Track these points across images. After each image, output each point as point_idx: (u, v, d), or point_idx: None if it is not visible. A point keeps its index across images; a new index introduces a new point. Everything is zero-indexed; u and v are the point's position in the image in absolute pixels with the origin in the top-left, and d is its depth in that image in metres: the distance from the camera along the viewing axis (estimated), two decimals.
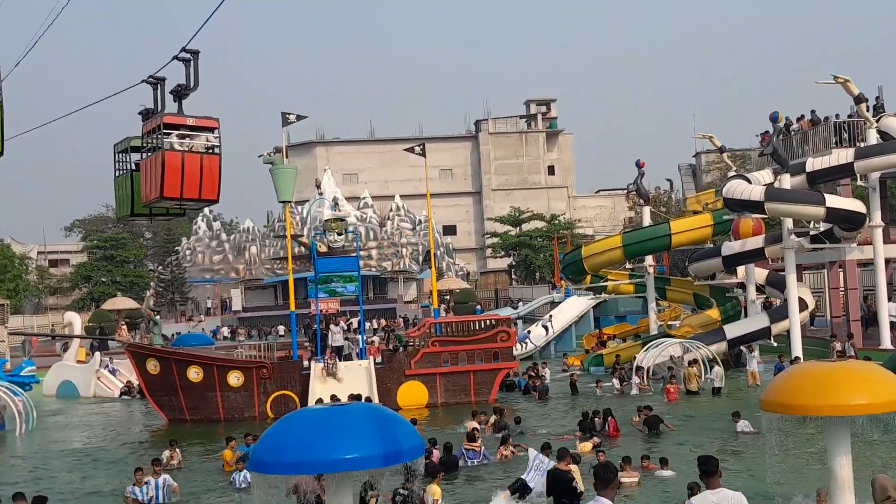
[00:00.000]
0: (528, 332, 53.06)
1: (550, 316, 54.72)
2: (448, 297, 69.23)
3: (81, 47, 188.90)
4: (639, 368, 35.00)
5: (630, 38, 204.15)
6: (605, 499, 9.01)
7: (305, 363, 34.23)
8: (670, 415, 27.51)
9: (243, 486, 19.55)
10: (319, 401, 30.15)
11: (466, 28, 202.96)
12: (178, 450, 24.08)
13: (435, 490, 16.49)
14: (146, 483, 18.58)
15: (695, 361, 33.74)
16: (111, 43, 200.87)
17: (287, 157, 39.01)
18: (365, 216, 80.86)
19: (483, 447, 22.01)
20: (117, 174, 19.21)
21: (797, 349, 33.99)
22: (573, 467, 16.20)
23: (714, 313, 41.64)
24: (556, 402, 33.64)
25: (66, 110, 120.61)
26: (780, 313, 37.96)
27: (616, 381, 34.66)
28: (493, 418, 26.09)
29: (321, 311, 37.68)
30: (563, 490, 15.17)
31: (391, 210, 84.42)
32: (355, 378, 32.85)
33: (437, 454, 20.53)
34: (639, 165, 45.34)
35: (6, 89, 16.43)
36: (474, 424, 24.36)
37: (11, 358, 47.19)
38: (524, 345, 49.73)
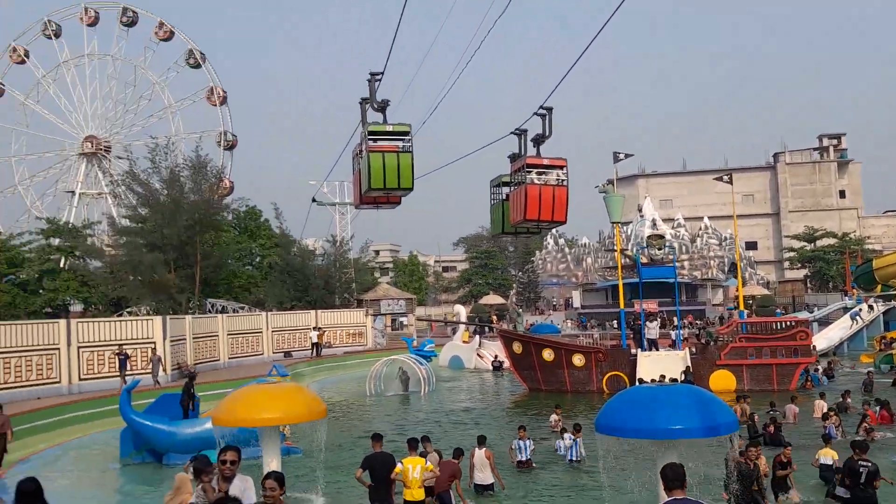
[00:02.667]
0: (860, 309, 49.15)
1: (860, 309, 50.09)
2: (751, 301, 65.37)
3: (464, 112, 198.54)
4: None
5: None
6: None
7: (632, 351, 33.57)
8: None
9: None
10: (640, 381, 29.57)
11: (763, 71, 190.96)
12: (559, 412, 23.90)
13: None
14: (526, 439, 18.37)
15: None
16: (486, 107, 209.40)
17: (616, 187, 38.46)
18: (678, 234, 77.98)
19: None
20: (492, 202, 19.85)
21: None
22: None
23: None
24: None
25: (454, 157, 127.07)
26: None
27: None
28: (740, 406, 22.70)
29: (645, 309, 36.92)
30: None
31: (700, 229, 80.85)
32: (673, 364, 31.74)
33: None
34: None
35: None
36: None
37: (417, 337, 50.06)
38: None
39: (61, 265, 53.79)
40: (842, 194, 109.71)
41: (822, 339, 47.03)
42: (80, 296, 53.17)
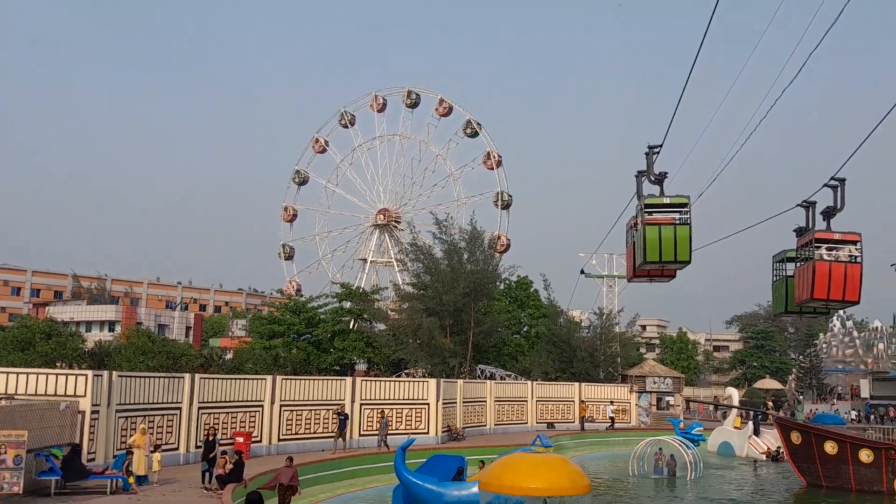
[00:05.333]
0: None
1: None
2: None
3: (744, 182, 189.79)
4: None
5: None
6: None
7: None
8: None
9: None
10: None
11: None
12: None
13: None
14: None
15: None
16: (769, 177, 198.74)
17: None
18: None
19: None
20: (775, 279, 18.53)
21: None
22: None
23: None
24: None
25: (731, 230, 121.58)
26: None
27: None
28: None
29: None
30: None
31: None
32: None
33: None
34: None
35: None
36: None
37: (684, 419, 47.56)
38: None
39: (351, 326, 57.93)
40: None
41: None
42: (365, 355, 56.80)
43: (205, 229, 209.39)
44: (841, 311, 74.03)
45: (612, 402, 48.15)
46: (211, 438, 21.94)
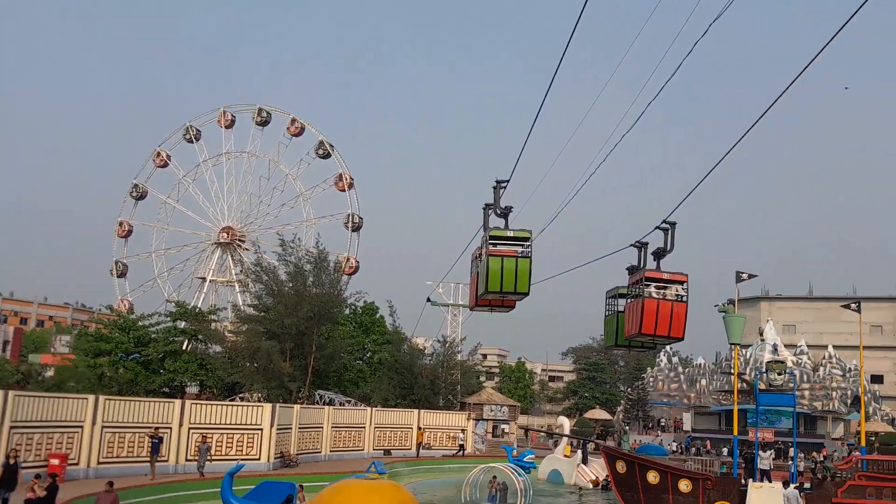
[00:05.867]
0: None
1: None
2: (874, 438, 60.91)
3: (582, 221, 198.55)
4: None
5: None
6: None
7: (743, 480, 31.46)
8: None
9: None
10: None
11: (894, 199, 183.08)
12: None
13: None
14: None
15: None
16: (604, 217, 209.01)
17: (737, 308, 36.95)
18: (800, 362, 73.99)
19: None
20: (607, 313, 19.45)
21: None
22: None
23: None
24: None
25: (570, 266, 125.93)
26: None
27: None
28: None
29: (759, 438, 34.79)
30: None
31: (824, 358, 76.62)
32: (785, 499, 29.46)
33: None
34: None
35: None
36: None
37: (518, 447, 48.69)
38: None
39: (184, 347, 55.61)
40: None
41: None
42: (198, 378, 54.65)
43: (32, 239, 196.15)
44: (668, 347, 78.38)
45: (462, 431, 49.32)
46: (12, 462, 20.33)
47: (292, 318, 47.04)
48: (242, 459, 29.46)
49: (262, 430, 33.30)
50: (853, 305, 35.15)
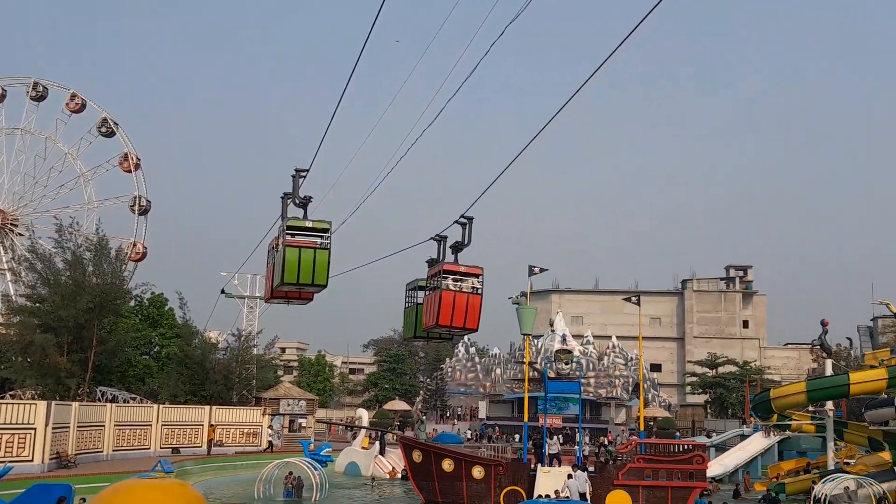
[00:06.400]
0: None
1: None
2: (652, 423, 66.12)
3: (385, 214, 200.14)
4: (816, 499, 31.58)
5: (819, 215, 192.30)
6: None
7: (532, 465, 33.11)
8: None
9: None
10: (539, 496, 29.02)
11: (679, 204, 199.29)
12: None
13: None
14: None
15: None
16: (405, 211, 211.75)
17: (529, 300, 38.70)
18: (587, 351, 78.95)
19: None
20: (407, 305, 19.72)
21: None
22: None
23: (886, 455, 37.04)
24: None
25: (371, 258, 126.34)
26: None
27: None
28: None
29: (548, 424, 36.69)
30: None
31: (608, 348, 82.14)
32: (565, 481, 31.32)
33: None
34: (823, 324, 41.87)
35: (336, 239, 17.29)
36: None
37: (315, 440, 48.44)
38: None
39: None
40: (745, 324, 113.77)
41: (718, 466, 47.46)
42: None
43: None
44: (465, 338, 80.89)
45: (271, 427, 50.15)
46: None
47: (70, 310, 44.04)
48: (12, 461, 27.24)
49: (35, 429, 30.96)
50: (633, 299, 37.72)
